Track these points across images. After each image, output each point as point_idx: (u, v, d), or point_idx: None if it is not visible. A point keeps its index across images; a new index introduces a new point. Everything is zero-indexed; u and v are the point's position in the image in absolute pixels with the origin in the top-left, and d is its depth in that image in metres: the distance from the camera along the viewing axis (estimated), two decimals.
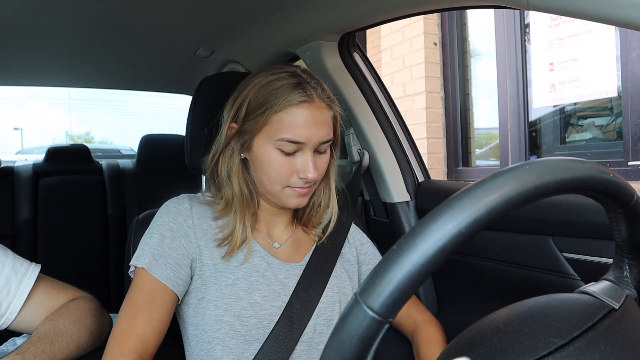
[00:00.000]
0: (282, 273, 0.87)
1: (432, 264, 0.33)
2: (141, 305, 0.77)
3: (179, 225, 0.83)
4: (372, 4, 1.03)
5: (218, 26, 1.36)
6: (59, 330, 0.83)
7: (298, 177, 0.82)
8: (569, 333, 0.39)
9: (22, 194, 2.03)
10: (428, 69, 3.27)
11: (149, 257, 0.80)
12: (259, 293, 0.82)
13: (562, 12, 0.63)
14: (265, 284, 0.84)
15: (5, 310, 0.85)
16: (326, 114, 0.82)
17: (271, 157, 0.81)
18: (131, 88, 2.29)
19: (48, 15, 1.24)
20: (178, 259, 0.81)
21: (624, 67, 2.19)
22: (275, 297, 0.83)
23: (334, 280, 0.90)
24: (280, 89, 0.80)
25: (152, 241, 0.82)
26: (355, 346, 0.34)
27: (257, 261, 0.86)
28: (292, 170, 0.82)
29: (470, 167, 3.29)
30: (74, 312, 0.88)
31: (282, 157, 0.81)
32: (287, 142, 0.79)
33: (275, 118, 0.79)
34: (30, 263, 0.91)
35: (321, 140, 0.82)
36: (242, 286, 0.82)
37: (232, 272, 0.83)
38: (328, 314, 0.87)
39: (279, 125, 0.79)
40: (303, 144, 0.80)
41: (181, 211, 0.85)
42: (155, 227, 0.83)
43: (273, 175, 0.82)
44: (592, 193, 0.40)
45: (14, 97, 36.52)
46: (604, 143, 2.46)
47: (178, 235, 0.82)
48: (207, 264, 0.83)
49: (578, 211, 0.85)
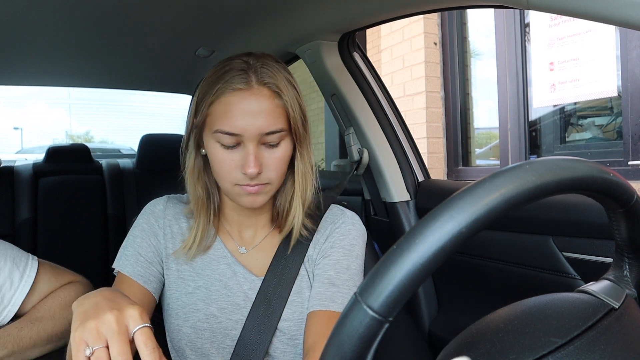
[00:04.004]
0: (246, 283, 0.81)
1: (432, 263, 0.33)
2: None
3: (150, 225, 0.84)
4: (372, 4, 1.03)
5: (218, 26, 1.36)
6: (35, 317, 0.85)
7: (242, 172, 0.73)
8: (569, 332, 0.39)
9: (22, 194, 2.03)
10: (428, 68, 3.27)
11: (122, 257, 0.82)
12: (217, 305, 0.79)
13: (562, 12, 0.63)
14: (225, 294, 0.80)
15: (8, 302, 0.86)
16: (269, 101, 0.72)
17: (213, 152, 0.75)
18: (131, 88, 2.29)
19: (48, 15, 1.24)
20: (148, 257, 0.81)
21: (624, 67, 2.18)
22: (234, 310, 0.79)
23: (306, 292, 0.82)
24: (222, 77, 0.73)
25: (127, 243, 0.84)
26: (355, 346, 0.34)
27: (222, 269, 0.82)
28: (234, 165, 0.74)
29: (470, 166, 3.29)
30: (58, 299, 0.90)
31: (223, 151, 0.73)
32: (222, 134, 0.72)
33: (212, 109, 0.73)
34: (29, 255, 0.93)
35: (262, 132, 0.72)
36: (201, 296, 0.80)
37: (193, 279, 0.81)
38: (293, 333, 0.80)
39: (214, 116, 0.73)
40: (239, 135, 0.72)
41: (154, 212, 0.85)
42: (131, 229, 0.85)
43: (218, 171, 0.76)
44: (592, 193, 0.40)
45: (14, 97, 36.54)
46: (604, 143, 2.46)
47: (148, 234, 0.83)
48: (172, 268, 0.82)
49: (578, 211, 0.85)
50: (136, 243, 0.82)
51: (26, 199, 2.03)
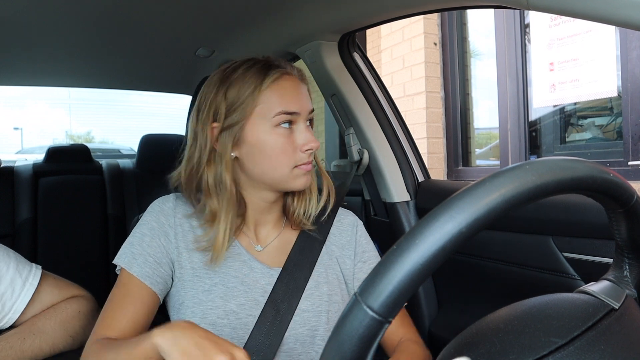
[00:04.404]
0: (264, 278, 0.83)
1: (432, 263, 0.33)
2: (117, 298, 0.78)
3: (160, 224, 0.83)
4: (372, 4, 1.03)
5: (218, 26, 1.36)
6: (37, 328, 0.85)
7: (301, 151, 0.80)
8: (569, 333, 0.39)
9: (22, 194, 2.03)
10: (428, 69, 3.27)
11: (129, 255, 0.80)
12: (236, 301, 0.79)
13: (562, 12, 0.63)
14: (243, 290, 0.81)
15: (9, 310, 0.86)
16: (304, 84, 0.83)
17: (272, 139, 0.78)
18: (131, 88, 2.29)
19: (48, 15, 1.24)
20: (157, 257, 0.80)
21: (624, 67, 2.18)
22: (253, 306, 0.80)
23: (324, 286, 0.85)
24: (257, 70, 0.79)
25: (134, 240, 0.82)
26: (355, 346, 0.34)
27: (238, 266, 0.82)
28: (295, 146, 0.80)
29: (470, 166, 3.29)
30: (60, 313, 0.89)
31: (283, 135, 0.79)
32: (285, 114, 0.78)
33: (265, 95, 0.78)
34: (32, 264, 0.92)
35: (309, 109, 0.82)
36: (219, 293, 0.79)
37: (210, 277, 0.81)
38: (312, 323, 0.81)
39: (270, 101, 0.78)
40: (298, 114, 0.79)
41: (164, 210, 0.84)
42: (138, 226, 0.83)
43: (279, 157, 0.79)
44: (592, 193, 0.40)
45: (14, 97, 36.52)
46: (604, 143, 2.46)
47: (158, 234, 0.82)
48: (186, 267, 0.81)
49: (578, 211, 0.85)
50: (145, 242, 0.81)
51: (26, 199, 2.03)
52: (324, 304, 0.83)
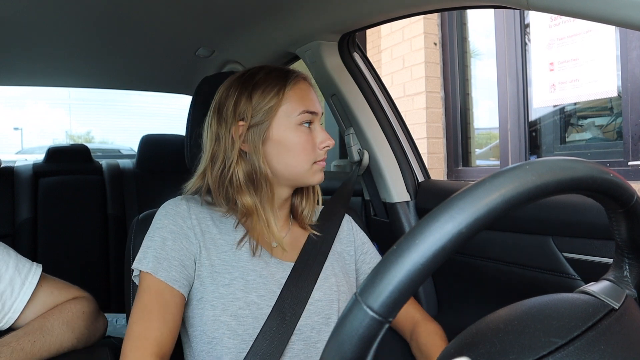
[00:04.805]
0: (279, 272, 0.87)
1: (432, 264, 0.33)
2: (153, 308, 0.77)
3: (179, 226, 0.83)
4: (372, 4, 1.03)
5: (218, 26, 1.36)
6: (46, 329, 0.84)
7: (319, 149, 0.87)
8: (569, 333, 0.39)
9: (22, 194, 2.03)
10: (428, 69, 3.27)
11: (153, 260, 0.80)
12: (256, 292, 0.82)
13: (562, 12, 0.63)
14: (262, 283, 0.84)
15: (9, 309, 0.86)
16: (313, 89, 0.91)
17: (296, 136, 0.85)
18: (131, 88, 2.29)
19: (48, 15, 1.24)
20: (182, 260, 0.81)
21: (624, 67, 2.18)
22: (272, 297, 0.83)
23: (332, 278, 0.90)
24: (278, 74, 0.87)
25: (154, 244, 0.81)
26: (355, 346, 0.34)
27: (255, 260, 0.86)
28: (314, 143, 0.87)
29: (470, 167, 3.29)
30: (65, 313, 0.89)
31: (305, 133, 0.86)
32: (308, 113, 0.85)
33: (289, 95, 0.85)
34: (32, 263, 0.92)
35: (322, 112, 0.90)
36: (239, 285, 0.82)
37: (228, 272, 0.83)
38: (326, 312, 0.87)
39: (293, 101, 0.85)
40: (317, 114, 0.87)
41: (180, 212, 0.85)
42: (155, 230, 0.83)
43: (301, 153, 0.86)
44: (592, 193, 0.40)
45: (14, 97, 36.54)
46: (604, 143, 2.46)
47: (179, 237, 0.82)
48: (205, 264, 0.83)
49: (578, 211, 0.85)
50: (167, 246, 0.81)
51: (26, 199, 2.03)
52: (334, 293, 0.89)
